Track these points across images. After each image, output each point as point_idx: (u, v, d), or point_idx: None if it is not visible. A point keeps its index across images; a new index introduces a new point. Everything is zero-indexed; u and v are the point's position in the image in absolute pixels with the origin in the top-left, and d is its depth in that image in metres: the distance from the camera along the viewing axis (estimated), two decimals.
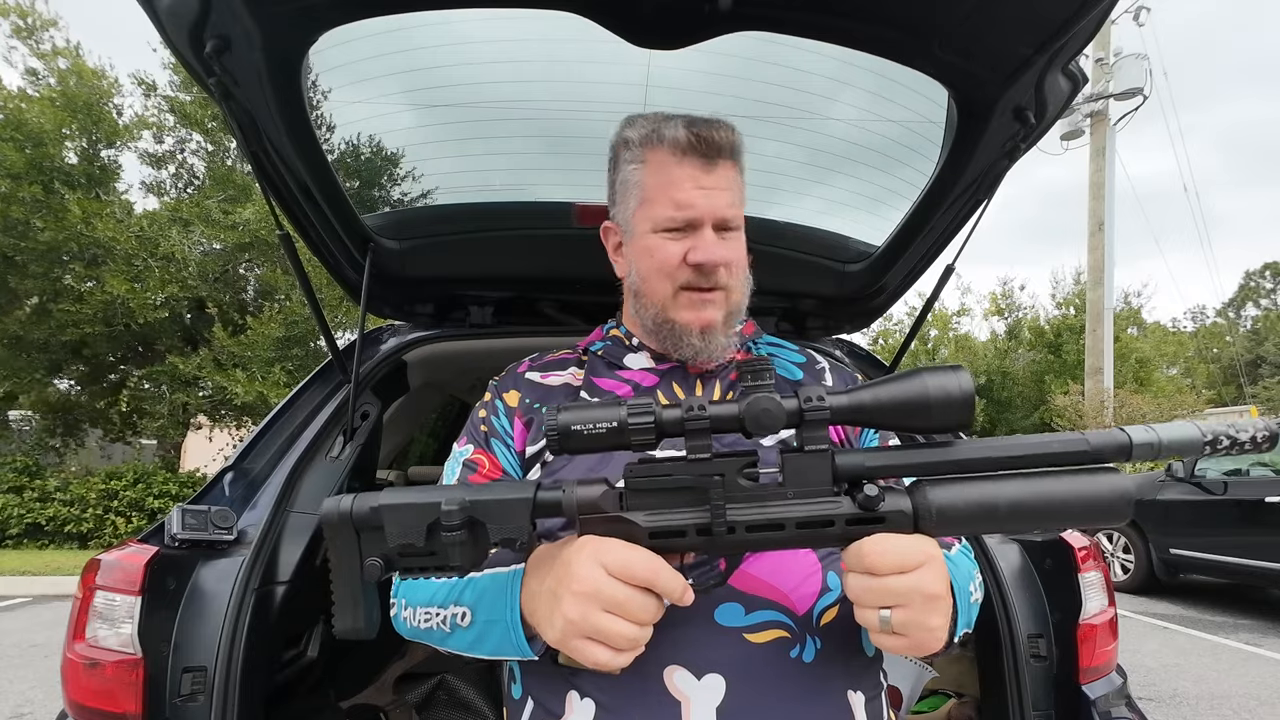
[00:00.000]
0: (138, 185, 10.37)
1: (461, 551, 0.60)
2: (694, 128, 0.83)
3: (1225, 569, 5.58)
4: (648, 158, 0.86)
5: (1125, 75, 11.36)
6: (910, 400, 0.58)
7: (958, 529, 0.61)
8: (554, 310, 1.84)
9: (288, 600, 1.30)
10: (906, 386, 0.59)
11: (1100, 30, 1.07)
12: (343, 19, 0.97)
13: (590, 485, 0.62)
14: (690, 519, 0.60)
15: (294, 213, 1.38)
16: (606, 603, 0.59)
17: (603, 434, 0.59)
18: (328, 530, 0.62)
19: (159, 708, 1.06)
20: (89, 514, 9.50)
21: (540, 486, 0.63)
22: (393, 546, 0.60)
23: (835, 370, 0.99)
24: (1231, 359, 32.47)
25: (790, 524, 0.59)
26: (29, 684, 4.01)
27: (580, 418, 0.60)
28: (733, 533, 0.60)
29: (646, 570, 0.60)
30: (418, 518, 0.60)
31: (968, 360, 19.90)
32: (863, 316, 1.92)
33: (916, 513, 0.59)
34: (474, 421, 0.94)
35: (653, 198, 0.86)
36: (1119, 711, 1.31)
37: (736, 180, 0.88)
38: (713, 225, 0.85)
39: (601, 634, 0.60)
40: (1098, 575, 1.36)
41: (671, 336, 0.89)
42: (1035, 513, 0.57)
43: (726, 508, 0.59)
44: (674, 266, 0.85)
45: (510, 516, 0.61)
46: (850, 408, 0.60)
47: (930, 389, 0.58)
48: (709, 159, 0.84)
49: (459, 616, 0.73)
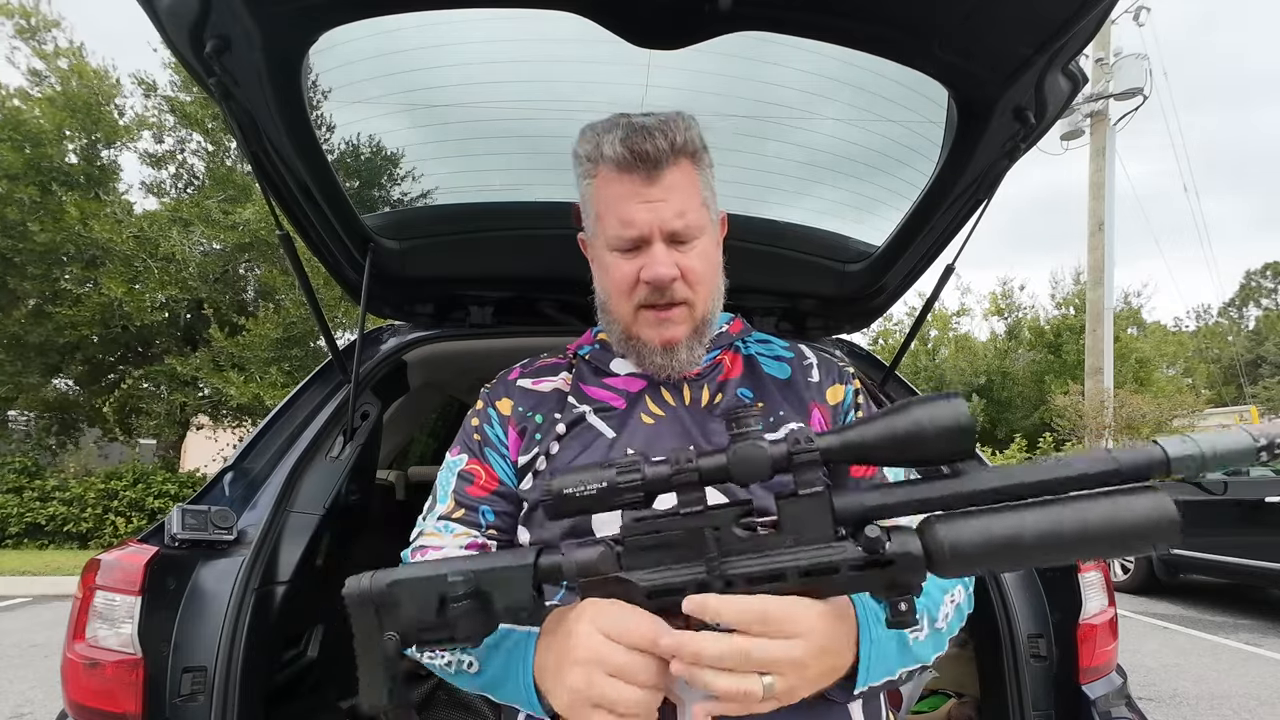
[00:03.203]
0: (138, 186, 10.39)
1: (469, 623, 0.61)
2: (629, 141, 0.79)
3: (1225, 569, 5.58)
4: (596, 173, 0.83)
5: (1125, 75, 11.35)
6: (903, 435, 0.55)
7: (976, 567, 0.54)
8: (554, 310, 1.84)
9: (288, 600, 1.30)
10: (897, 422, 0.55)
11: (1100, 30, 1.07)
12: (343, 19, 0.97)
13: (588, 547, 0.62)
14: (688, 575, 0.59)
15: (294, 213, 1.38)
16: (608, 668, 0.59)
17: (594, 495, 0.59)
18: (351, 609, 0.63)
19: (159, 708, 1.06)
20: (88, 514, 9.50)
21: (540, 553, 0.63)
22: (407, 623, 0.62)
23: (823, 365, 0.96)
24: (1232, 359, 32.46)
25: (793, 574, 0.57)
26: (29, 684, 4.01)
27: (570, 481, 0.59)
28: (732, 586, 0.58)
29: (646, 632, 0.59)
30: (428, 590, 0.61)
31: (968, 360, 19.90)
32: (863, 316, 1.92)
33: (928, 553, 0.54)
34: (467, 430, 0.93)
35: (602, 216, 0.84)
36: (1119, 711, 1.31)
37: (688, 183, 0.82)
38: (664, 239, 0.81)
39: (607, 701, 0.59)
40: (1098, 575, 1.36)
41: (636, 352, 0.88)
42: (1065, 544, 0.51)
43: (725, 562, 0.58)
44: (630, 285, 0.83)
45: (513, 588, 0.62)
46: (841, 447, 0.57)
47: (924, 421, 0.54)
48: (649, 170, 0.79)
49: (465, 664, 0.73)
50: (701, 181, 0.85)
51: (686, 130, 0.82)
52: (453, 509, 0.86)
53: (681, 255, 0.83)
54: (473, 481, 0.87)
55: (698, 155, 0.84)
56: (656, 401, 0.89)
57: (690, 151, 0.83)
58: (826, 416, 0.90)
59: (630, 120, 0.81)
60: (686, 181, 0.82)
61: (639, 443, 0.85)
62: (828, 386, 0.93)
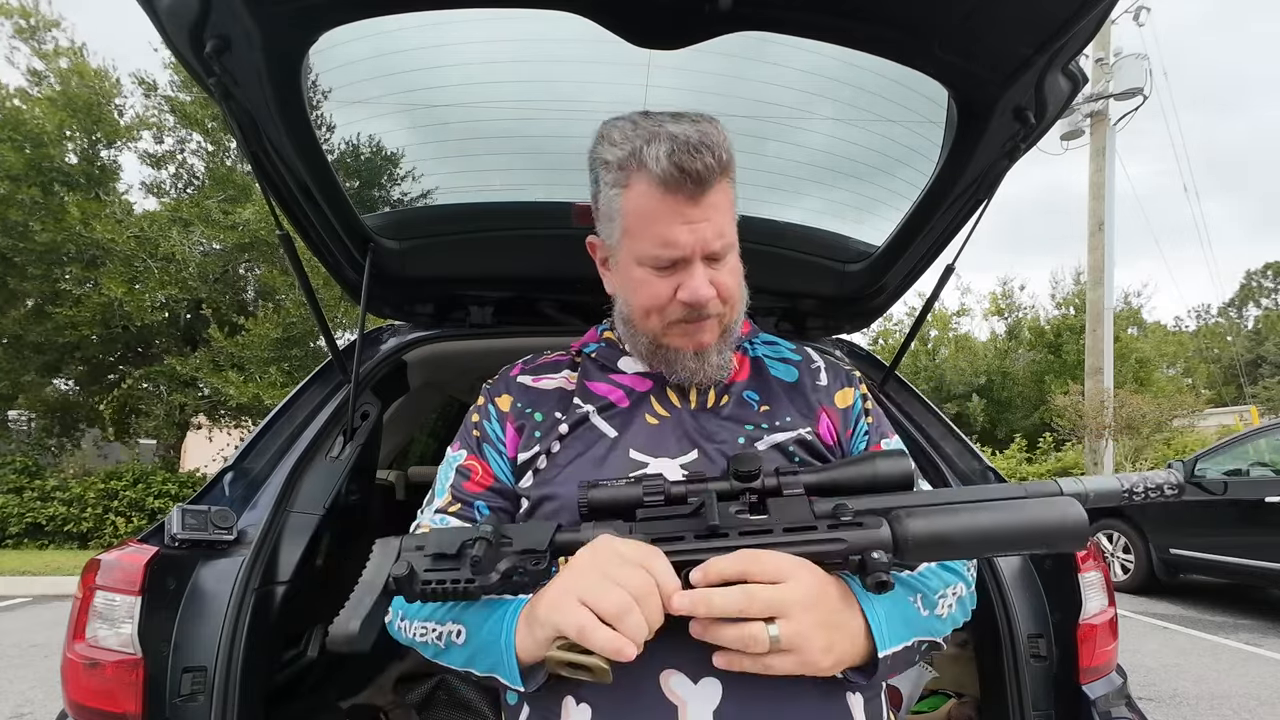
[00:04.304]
0: (138, 186, 10.39)
1: (484, 555, 0.65)
2: (677, 158, 0.73)
3: (1225, 569, 5.57)
4: (629, 183, 0.78)
5: (1125, 75, 11.34)
6: (867, 479, 0.72)
7: (932, 554, 0.68)
8: (554, 310, 1.84)
9: (288, 600, 1.30)
10: (863, 469, 0.73)
11: (1100, 30, 1.07)
12: (343, 19, 0.97)
13: (603, 525, 0.69)
14: (689, 529, 0.68)
15: (294, 213, 1.38)
16: (603, 567, 0.62)
17: (623, 502, 0.70)
18: (378, 544, 0.68)
19: (159, 708, 1.06)
20: (89, 514, 9.49)
21: (559, 529, 0.70)
22: (427, 555, 0.67)
23: (831, 369, 0.97)
24: (1232, 359, 32.46)
25: (778, 529, 0.67)
26: (29, 684, 4.01)
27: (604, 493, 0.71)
28: (726, 536, 0.66)
29: (645, 552, 0.63)
30: (455, 535, 0.68)
31: (968, 360, 19.91)
32: (863, 316, 1.92)
33: (895, 539, 0.65)
34: (467, 426, 0.93)
35: (636, 231, 0.80)
36: (1119, 711, 1.31)
37: (727, 202, 0.80)
38: (702, 258, 0.79)
39: (591, 595, 0.60)
40: (1098, 575, 1.36)
41: (666, 359, 0.87)
42: (1005, 538, 0.66)
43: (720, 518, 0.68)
44: (664, 304, 0.82)
45: (533, 534, 0.69)
46: (816, 484, 0.72)
47: (880, 469, 0.72)
48: (695, 191, 0.75)
49: (454, 634, 0.73)
50: (734, 195, 0.83)
51: (724, 142, 0.77)
52: (449, 503, 0.87)
53: (716, 272, 0.81)
54: (469, 477, 0.87)
55: (730, 170, 0.80)
56: (661, 402, 0.89)
57: (730, 169, 0.79)
58: (835, 421, 0.90)
59: (672, 131, 0.75)
60: (726, 201, 0.80)
61: (640, 443, 0.84)
62: (836, 390, 0.93)
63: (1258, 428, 6.02)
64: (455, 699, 1.98)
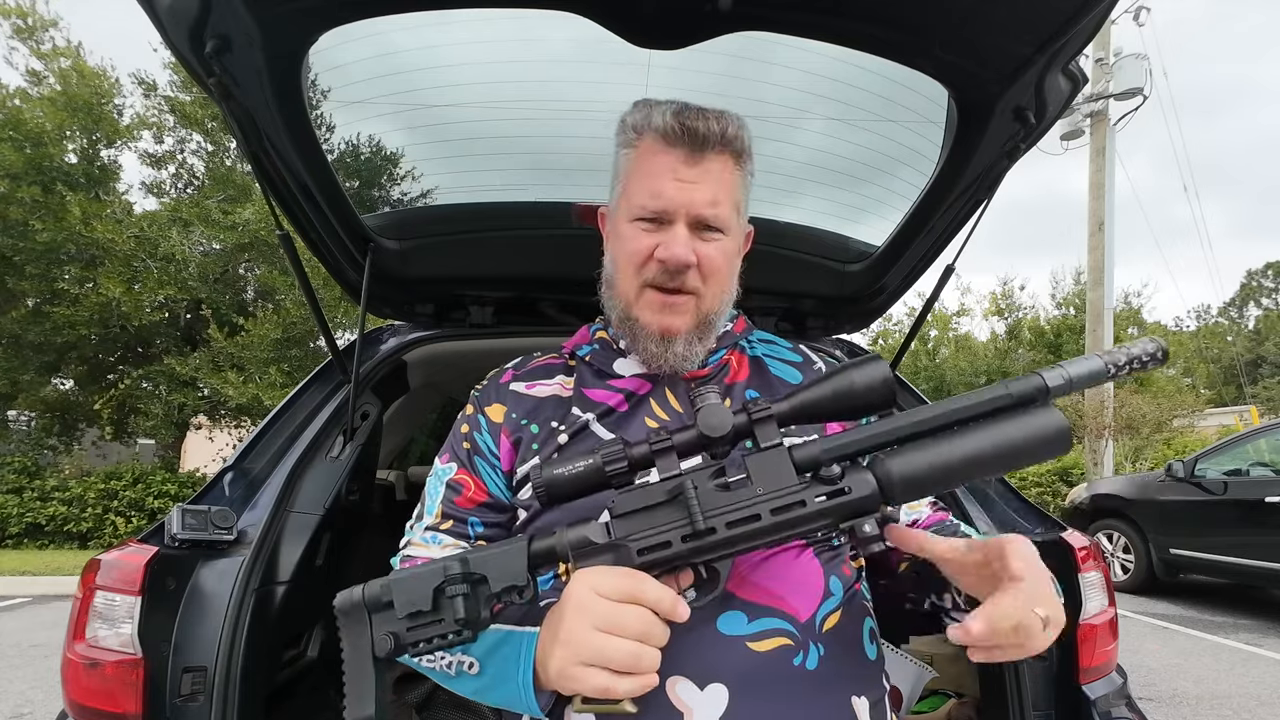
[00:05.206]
0: (138, 186, 10.39)
1: (466, 605, 0.62)
2: (682, 115, 0.77)
3: (1225, 569, 5.57)
4: (638, 143, 0.82)
5: (1125, 75, 11.34)
6: (842, 392, 0.66)
7: (922, 491, 0.64)
8: (554, 310, 1.84)
9: (288, 600, 1.29)
10: (837, 382, 0.66)
11: (1100, 30, 1.07)
12: (343, 19, 0.97)
13: (579, 526, 0.66)
14: (674, 530, 0.64)
15: (294, 213, 1.38)
16: (598, 620, 0.59)
17: (582, 473, 0.65)
18: (341, 619, 0.64)
19: (159, 708, 1.06)
20: (88, 514, 9.49)
21: (533, 538, 0.66)
22: (402, 617, 0.63)
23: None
24: (1232, 359, 32.46)
25: (766, 512, 0.63)
26: (29, 684, 4.01)
27: (559, 465, 0.66)
28: (714, 533, 0.63)
29: (630, 583, 0.60)
30: (424, 584, 0.63)
31: (968, 360, 19.89)
32: (863, 316, 1.92)
33: (880, 484, 0.63)
34: (456, 436, 0.90)
35: (632, 184, 0.82)
36: (1119, 711, 1.30)
37: (728, 177, 0.81)
38: (688, 222, 0.79)
39: (599, 656, 0.59)
40: (1098, 575, 1.36)
41: (632, 334, 0.86)
42: (992, 460, 0.63)
43: (706, 514, 0.63)
44: (642, 259, 0.81)
45: (509, 563, 0.65)
46: (790, 410, 0.66)
47: (856, 380, 0.66)
48: (694, 150, 0.77)
49: (466, 665, 0.72)
50: (740, 183, 0.84)
51: (740, 128, 0.81)
52: (440, 520, 0.85)
53: (702, 243, 0.80)
54: (461, 492, 0.85)
55: (742, 157, 0.82)
56: (661, 405, 0.88)
57: (737, 149, 0.81)
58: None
59: (688, 103, 0.80)
60: (726, 174, 0.81)
61: None
62: None
63: (1258, 428, 6.02)
64: (455, 699, 1.98)
